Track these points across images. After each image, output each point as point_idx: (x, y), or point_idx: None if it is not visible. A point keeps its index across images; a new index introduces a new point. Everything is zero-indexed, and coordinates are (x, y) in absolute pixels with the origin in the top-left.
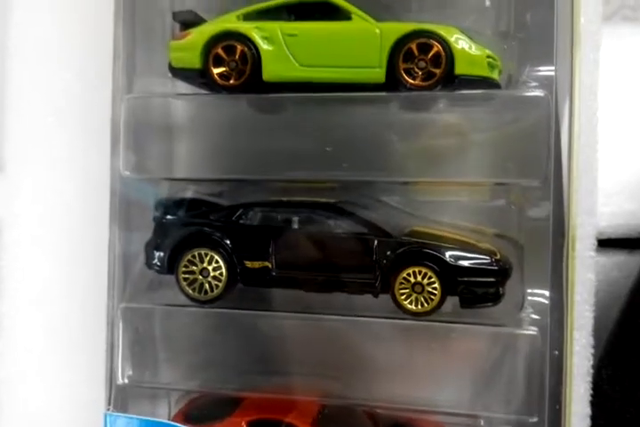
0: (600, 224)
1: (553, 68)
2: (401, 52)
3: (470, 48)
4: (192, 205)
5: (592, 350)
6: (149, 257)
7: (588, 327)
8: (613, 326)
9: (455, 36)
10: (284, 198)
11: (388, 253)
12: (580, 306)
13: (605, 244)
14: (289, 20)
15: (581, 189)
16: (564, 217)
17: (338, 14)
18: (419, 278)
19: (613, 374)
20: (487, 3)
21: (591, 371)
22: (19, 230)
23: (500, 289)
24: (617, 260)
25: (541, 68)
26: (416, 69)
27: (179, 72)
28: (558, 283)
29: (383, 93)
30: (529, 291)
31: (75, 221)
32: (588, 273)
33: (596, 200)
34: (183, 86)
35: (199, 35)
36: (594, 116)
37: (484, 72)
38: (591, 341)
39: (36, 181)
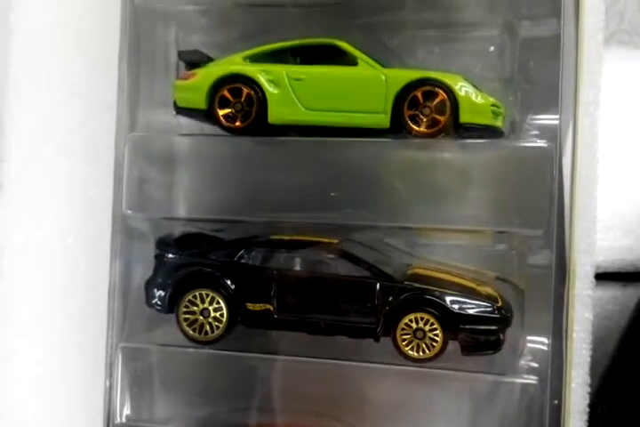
0: (596, 259)
1: (557, 116)
2: (406, 99)
3: (475, 97)
4: (193, 240)
5: (588, 389)
6: (150, 296)
7: (585, 366)
8: (609, 360)
9: (460, 84)
10: (286, 237)
11: (390, 298)
12: (578, 344)
13: (601, 277)
14: (294, 62)
15: (580, 228)
16: (566, 267)
17: (344, 58)
18: (420, 324)
19: (609, 410)
20: (491, 48)
21: (587, 409)
22: (16, 265)
23: (501, 336)
24: (612, 293)
25: (545, 116)
26: (421, 116)
27: (183, 111)
28: (559, 331)
29: (388, 140)
30: (529, 338)
31: (74, 257)
32: (586, 312)
33: (595, 239)
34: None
35: (205, 76)
36: (594, 157)
37: (488, 121)
38: (588, 379)
39: (35, 214)
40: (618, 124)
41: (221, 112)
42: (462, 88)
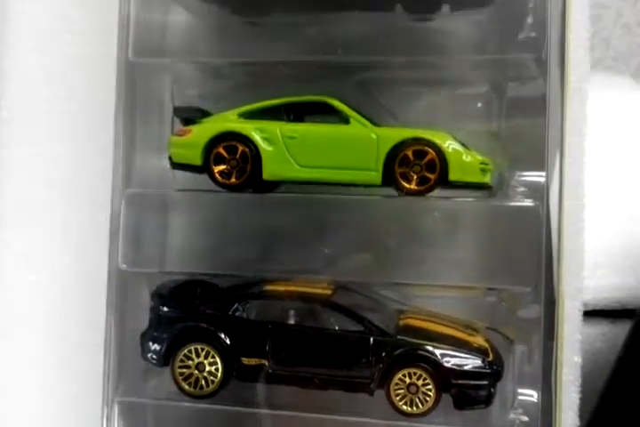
0: (585, 297)
1: (543, 173)
2: (397, 157)
3: (463, 155)
4: (189, 289)
5: None
6: (145, 349)
7: (574, 408)
8: (598, 397)
9: (448, 142)
10: (281, 287)
11: (384, 353)
12: (567, 387)
13: (589, 314)
14: (288, 118)
15: (568, 274)
16: (555, 320)
17: (336, 115)
18: (414, 379)
19: None
20: (479, 104)
21: None
22: (11, 317)
23: (492, 390)
24: (601, 330)
25: (532, 173)
26: (411, 173)
27: (179, 166)
28: (548, 385)
29: (378, 197)
30: (519, 391)
31: (71, 312)
32: (574, 356)
33: (582, 284)
34: None
35: (201, 133)
36: (581, 202)
37: (477, 178)
38: (577, 421)
39: (29, 260)
40: (604, 155)
41: (217, 168)
42: (451, 147)
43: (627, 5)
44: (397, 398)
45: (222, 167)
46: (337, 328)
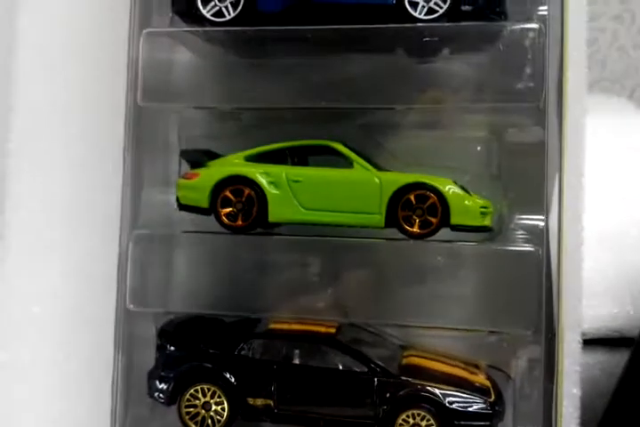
0: (583, 327)
1: (543, 216)
2: (400, 201)
3: (464, 200)
4: (194, 325)
5: None
6: (152, 388)
7: None
8: (597, 425)
9: (449, 187)
10: (285, 326)
11: (388, 394)
12: (567, 419)
13: (587, 342)
14: (292, 161)
15: (568, 306)
16: (555, 358)
17: (340, 158)
18: (417, 420)
19: None
20: (478, 148)
21: None
22: (15, 350)
23: None
24: (599, 359)
25: (531, 216)
26: (414, 217)
27: (186, 208)
28: (548, 422)
29: (381, 240)
30: None
31: (77, 348)
32: (573, 388)
33: (581, 316)
34: None
35: (208, 177)
36: (579, 238)
37: (477, 222)
38: None
39: (35, 303)
40: (597, 180)
41: (223, 211)
42: (452, 191)
43: (622, 28)
44: None
45: (229, 210)
46: (341, 368)
